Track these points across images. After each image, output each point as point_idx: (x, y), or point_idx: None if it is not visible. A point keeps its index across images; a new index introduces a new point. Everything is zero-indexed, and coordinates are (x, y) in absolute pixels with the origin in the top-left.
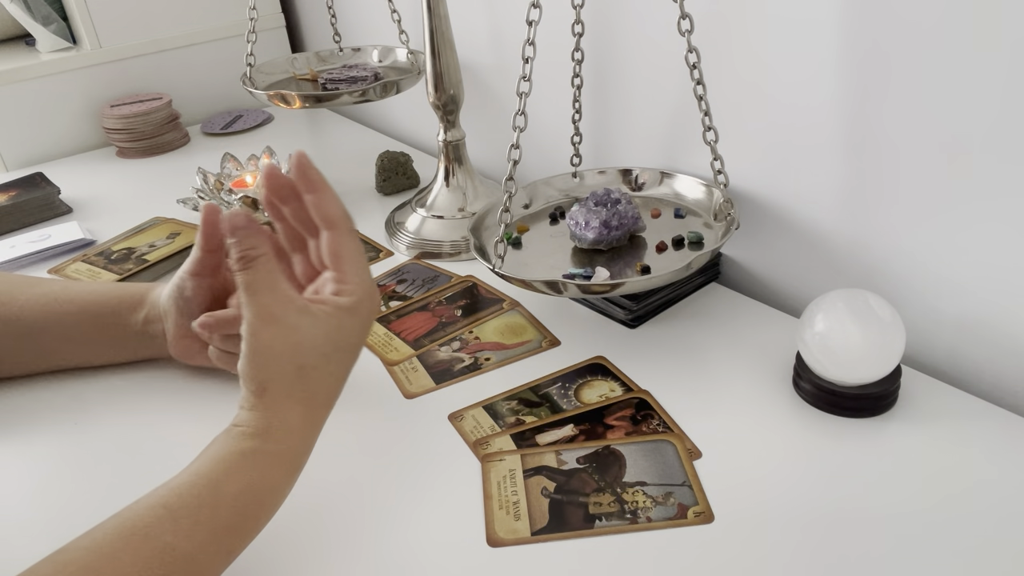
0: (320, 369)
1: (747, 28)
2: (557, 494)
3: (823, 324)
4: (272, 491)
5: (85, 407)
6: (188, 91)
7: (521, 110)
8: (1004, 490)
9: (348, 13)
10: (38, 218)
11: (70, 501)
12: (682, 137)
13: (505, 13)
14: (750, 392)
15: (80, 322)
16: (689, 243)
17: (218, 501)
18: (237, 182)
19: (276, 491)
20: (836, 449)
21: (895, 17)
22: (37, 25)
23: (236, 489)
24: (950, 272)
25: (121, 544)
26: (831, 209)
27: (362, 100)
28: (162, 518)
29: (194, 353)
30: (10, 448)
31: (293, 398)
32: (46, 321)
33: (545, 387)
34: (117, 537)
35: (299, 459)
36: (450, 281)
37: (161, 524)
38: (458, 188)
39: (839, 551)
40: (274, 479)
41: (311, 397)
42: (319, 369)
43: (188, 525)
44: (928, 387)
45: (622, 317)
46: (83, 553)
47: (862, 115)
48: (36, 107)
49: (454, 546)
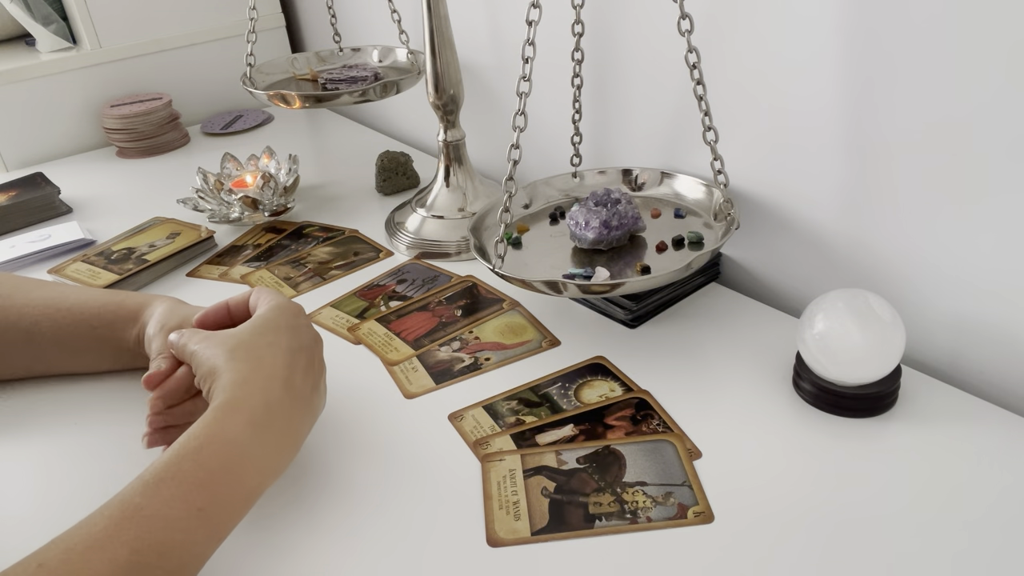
0: (264, 338)
1: (747, 28)
2: (557, 494)
3: (823, 324)
4: (235, 443)
5: (85, 408)
6: (188, 91)
7: (521, 110)
8: (1004, 490)
9: (348, 13)
10: (38, 218)
11: (69, 502)
12: (682, 137)
13: (505, 13)
14: (750, 392)
15: (76, 332)
16: (689, 243)
17: (181, 456)
18: (237, 182)
19: (240, 444)
20: (836, 449)
21: (895, 17)
22: (37, 25)
23: (197, 444)
24: (950, 272)
25: (96, 513)
26: (831, 209)
27: (362, 100)
28: (135, 483)
29: None
30: (9, 449)
31: (240, 360)
32: (42, 328)
33: (545, 387)
34: (96, 510)
35: (257, 412)
36: (450, 281)
37: (132, 487)
38: (458, 188)
39: (839, 551)
40: (234, 430)
41: (260, 358)
42: (263, 338)
43: (154, 483)
44: (928, 387)
45: (622, 317)
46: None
47: (863, 115)
48: (36, 107)
49: (454, 546)
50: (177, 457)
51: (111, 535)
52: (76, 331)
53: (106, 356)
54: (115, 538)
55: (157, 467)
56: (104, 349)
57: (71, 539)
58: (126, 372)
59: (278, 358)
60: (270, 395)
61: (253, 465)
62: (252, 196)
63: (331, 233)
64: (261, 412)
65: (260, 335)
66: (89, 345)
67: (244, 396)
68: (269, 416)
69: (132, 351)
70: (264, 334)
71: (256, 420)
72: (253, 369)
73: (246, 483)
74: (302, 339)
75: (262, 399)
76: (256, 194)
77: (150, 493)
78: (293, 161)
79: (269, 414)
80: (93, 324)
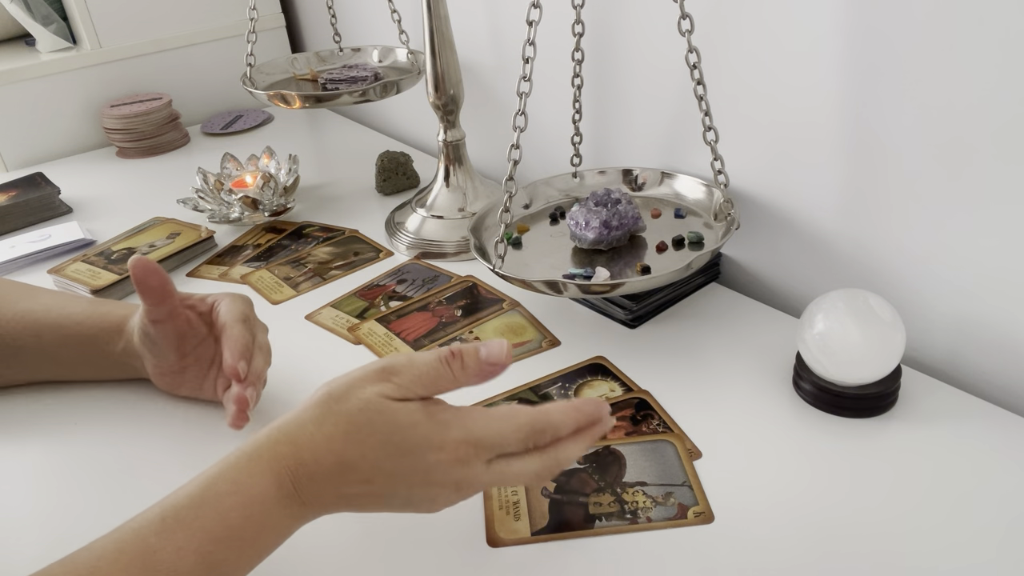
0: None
1: (747, 28)
2: (557, 494)
3: (823, 324)
4: (260, 502)
5: (85, 410)
6: (188, 91)
7: (521, 110)
8: (1004, 490)
9: (348, 13)
10: (38, 218)
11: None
12: (682, 137)
13: (505, 13)
14: (750, 392)
15: (62, 346)
16: (689, 243)
17: (203, 501)
18: (237, 182)
19: (262, 504)
20: (836, 449)
21: (897, 17)
22: (37, 25)
23: (224, 490)
24: (950, 273)
25: (108, 539)
26: (831, 209)
27: (362, 100)
28: (152, 515)
29: (178, 386)
30: (10, 449)
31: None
32: (27, 342)
33: (545, 387)
34: (108, 536)
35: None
36: (450, 281)
37: (150, 521)
38: (458, 188)
39: (839, 551)
40: (261, 487)
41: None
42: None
43: (173, 523)
44: (928, 387)
45: (622, 317)
46: (79, 555)
47: (863, 115)
48: (36, 107)
49: (454, 546)
50: (201, 499)
51: (121, 570)
52: (61, 345)
53: (94, 368)
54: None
55: (179, 503)
56: (89, 363)
57: (76, 565)
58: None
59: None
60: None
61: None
62: (252, 196)
63: (331, 233)
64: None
65: (378, 467)
66: (76, 357)
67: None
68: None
69: (119, 363)
70: (388, 460)
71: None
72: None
73: (265, 541)
74: (418, 497)
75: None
76: (256, 194)
77: (166, 535)
78: (293, 161)
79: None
80: (78, 340)
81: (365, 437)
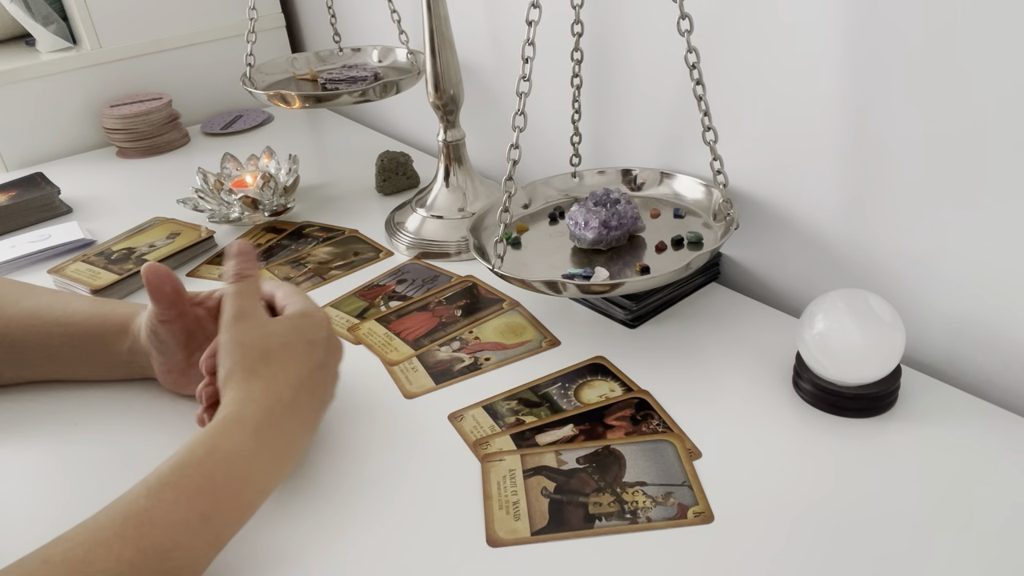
0: (283, 353)
1: (747, 28)
2: (557, 494)
3: (823, 324)
4: (238, 456)
5: (87, 409)
6: (188, 91)
7: (521, 110)
8: (1004, 490)
9: (348, 13)
10: (38, 218)
11: (71, 503)
12: (682, 137)
13: (505, 13)
14: (750, 392)
15: (66, 344)
16: (689, 243)
17: (185, 463)
18: (237, 182)
19: (243, 457)
20: (836, 449)
21: (897, 17)
22: (37, 25)
23: (203, 452)
24: (950, 272)
25: (101, 512)
26: (831, 209)
27: (362, 100)
28: (139, 486)
29: (184, 385)
30: (9, 449)
31: (255, 374)
32: (31, 340)
33: (545, 387)
34: (101, 510)
35: (262, 428)
36: (450, 281)
37: (137, 490)
38: (458, 188)
39: (839, 551)
40: (237, 443)
41: (274, 375)
42: (282, 353)
43: (159, 487)
44: (928, 387)
45: (622, 317)
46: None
47: (862, 115)
48: (36, 107)
49: (454, 546)
50: (181, 464)
51: (116, 533)
52: (66, 343)
53: (99, 368)
54: (120, 537)
55: (162, 472)
56: (93, 362)
57: (76, 536)
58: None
59: (290, 377)
60: (274, 415)
61: (255, 477)
62: (252, 196)
63: (331, 233)
64: (265, 429)
65: (291, 345)
66: (80, 356)
67: (250, 414)
68: (272, 433)
69: (125, 362)
70: (299, 342)
71: (260, 436)
72: (263, 389)
73: (248, 494)
74: (318, 357)
75: (267, 418)
76: (256, 194)
77: (155, 496)
78: (293, 161)
79: (272, 431)
80: (83, 338)
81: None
